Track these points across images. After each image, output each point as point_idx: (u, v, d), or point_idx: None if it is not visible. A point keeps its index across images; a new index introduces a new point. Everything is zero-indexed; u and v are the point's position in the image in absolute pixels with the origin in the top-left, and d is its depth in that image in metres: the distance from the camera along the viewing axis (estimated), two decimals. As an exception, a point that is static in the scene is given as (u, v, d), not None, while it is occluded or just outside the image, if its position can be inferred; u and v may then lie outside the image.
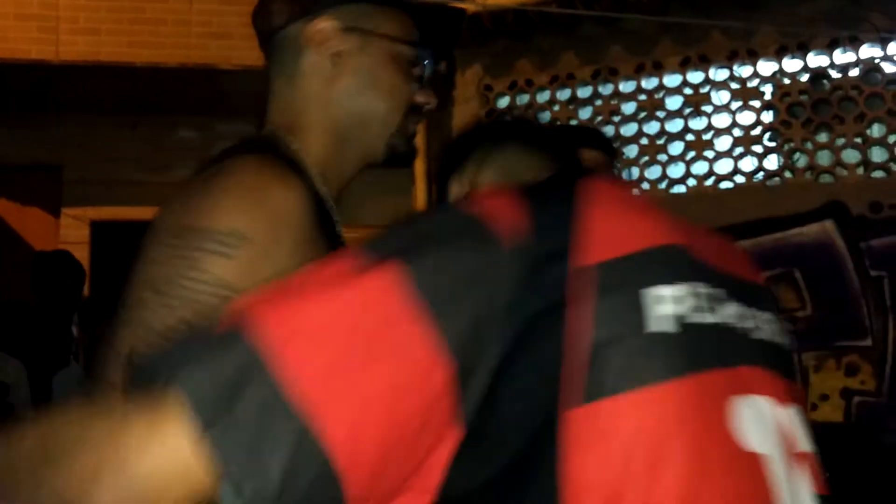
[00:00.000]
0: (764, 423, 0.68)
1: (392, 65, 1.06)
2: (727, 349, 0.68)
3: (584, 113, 4.31)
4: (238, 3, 4.45)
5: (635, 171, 4.21)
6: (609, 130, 4.24)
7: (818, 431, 0.79)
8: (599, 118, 4.27)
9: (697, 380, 0.65)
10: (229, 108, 4.95)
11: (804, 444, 0.73)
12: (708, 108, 4.08)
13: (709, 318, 0.67)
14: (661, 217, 0.71)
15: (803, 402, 0.86)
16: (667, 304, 0.65)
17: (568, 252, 0.64)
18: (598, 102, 4.28)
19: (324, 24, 1.04)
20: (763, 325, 0.75)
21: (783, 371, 0.76)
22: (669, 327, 0.64)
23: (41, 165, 5.23)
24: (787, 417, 0.72)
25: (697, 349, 0.65)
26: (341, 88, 1.05)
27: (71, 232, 5.22)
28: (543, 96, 4.38)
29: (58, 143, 5.06)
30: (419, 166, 4.44)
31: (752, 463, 0.66)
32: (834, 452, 2.75)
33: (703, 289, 0.68)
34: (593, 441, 0.61)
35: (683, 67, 4.13)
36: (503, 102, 4.52)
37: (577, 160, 1.06)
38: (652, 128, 4.18)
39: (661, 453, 0.62)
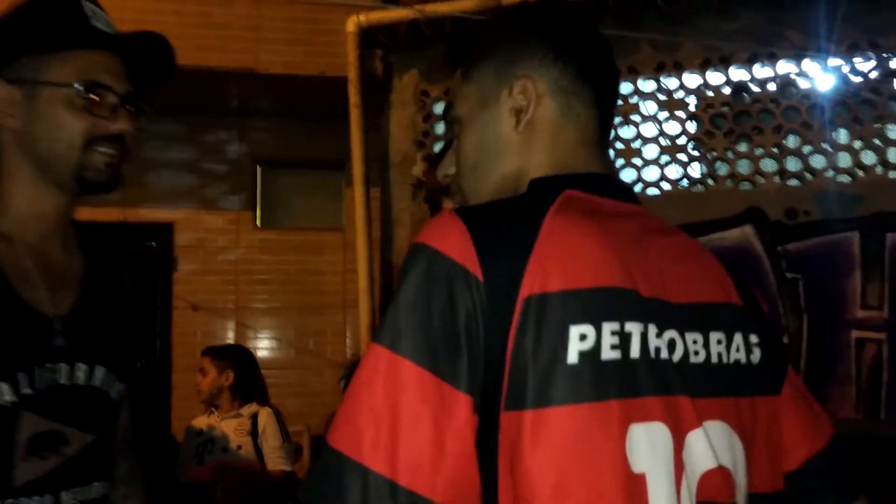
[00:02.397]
0: (655, 447, 0.80)
1: (60, 105, 1.17)
2: (634, 382, 0.81)
3: (519, 120, 4.43)
4: (174, 1, 4.41)
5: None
6: (542, 137, 4.38)
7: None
8: (533, 125, 4.40)
9: (596, 406, 0.79)
10: (160, 107, 4.89)
11: (719, 459, 0.85)
12: (636, 118, 4.25)
13: (617, 355, 0.80)
14: (620, 256, 0.84)
15: (750, 414, 0.92)
16: (587, 341, 0.79)
17: (515, 284, 0.79)
18: (532, 110, 4.41)
19: None
20: (705, 347, 0.88)
21: (721, 389, 0.89)
22: (581, 361, 0.79)
23: None
24: (699, 438, 0.84)
25: (603, 381, 0.79)
26: (22, 136, 1.18)
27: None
28: (478, 103, 4.48)
29: None
30: (357, 168, 4.46)
31: (637, 483, 0.79)
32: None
33: (635, 327, 0.81)
34: (538, 440, 0.78)
35: (613, 78, 4.30)
36: (439, 108, 4.60)
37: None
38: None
39: (568, 465, 0.77)
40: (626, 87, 4.29)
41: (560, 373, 0.78)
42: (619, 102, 4.28)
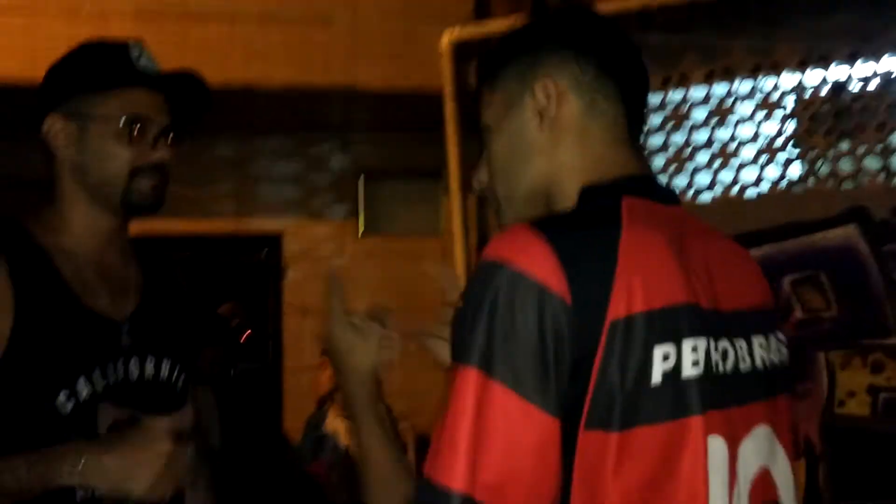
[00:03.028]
0: (716, 460, 0.85)
1: (107, 138, 1.33)
2: (707, 397, 0.84)
3: (613, 125, 4.48)
4: (277, 24, 4.66)
5: (663, 180, 4.37)
6: (637, 141, 4.41)
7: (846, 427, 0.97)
8: (627, 130, 4.44)
9: (679, 424, 0.83)
10: (268, 124, 5.16)
11: (765, 461, 0.91)
12: (733, 120, 4.23)
13: (697, 372, 0.84)
14: (687, 265, 0.86)
15: (784, 413, 0.97)
16: (670, 361, 0.82)
17: (602, 306, 0.81)
18: (626, 115, 4.44)
19: (52, 120, 1.35)
20: (750, 353, 0.92)
21: (764, 393, 0.93)
22: (665, 381, 0.82)
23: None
24: (749, 445, 0.89)
25: (685, 399, 0.83)
26: (76, 164, 1.35)
27: None
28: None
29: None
30: (453, 178, 4.60)
31: (706, 493, 0.83)
32: (861, 446, 2.88)
33: (702, 343, 0.85)
34: (622, 460, 0.80)
35: (708, 80, 4.29)
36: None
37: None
38: (678, 138, 4.34)
39: (654, 484, 0.81)
40: (721, 89, 4.27)
41: (646, 394, 0.80)
42: (715, 104, 4.27)
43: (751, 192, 4.24)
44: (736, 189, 4.28)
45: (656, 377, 0.81)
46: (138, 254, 1.47)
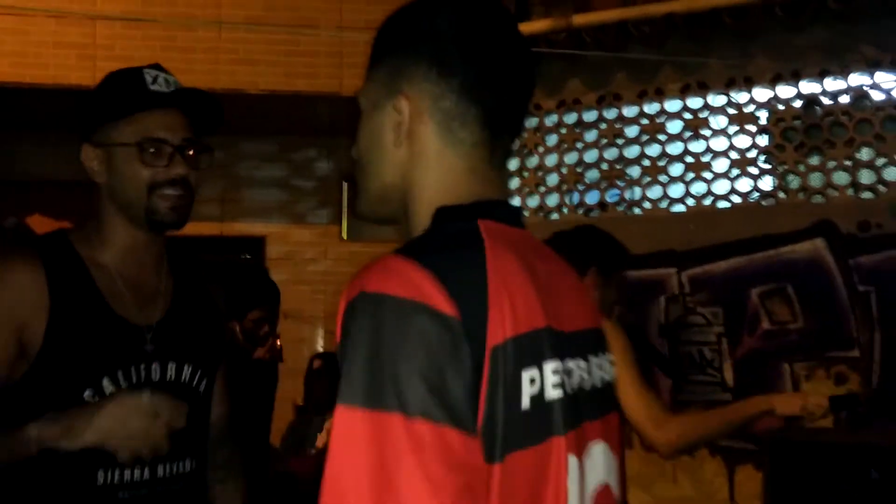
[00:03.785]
0: (574, 479, 0.83)
1: (128, 161, 1.45)
2: (564, 417, 0.82)
3: (590, 136, 4.55)
4: (264, 32, 4.74)
5: (637, 191, 4.44)
6: (613, 152, 4.48)
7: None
8: (604, 140, 4.51)
9: (543, 447, 0.80)
10: (254, 129, 5.23)
11: (605, 477, 0.90)
12: (706, 132, 4.31)
13: (558, 394, 0.82)
14: (539, 289, 0.83)
15: (616, 430, 0.97)
16: (535, 385, 0.80)
17: (483, 329, 0.77)
18: (603, 126, 4.52)
19: (84, 149, 1.48)
20: (589, 373, 0.91)
21: (599, 411, 0.92)
22: (531, 405, 0.79)
23: (73, 182, 5.52)
24: (591, 460, 0.88)
25: (548, 421, 0.81)
26: (107, 186, 1.48)
27: None
28: (551, 119, 4.62)
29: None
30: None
31: None
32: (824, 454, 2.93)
33: (558, 364, 0.83)
34: (501, 491, 0.76)
35: (683, 94, 4.37)
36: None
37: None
38: (653, 150, 4.42)
39: None
40: (696, 102, 4.35)
41: (517, 419, 0.77)
42: (689, 117, 4.35)
43: (723, 204, 4.33)
44: (708, 200, 4.37)
45: (525, 402, 0.79)
46: (172, 265, 1.58)
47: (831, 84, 4.10)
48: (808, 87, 4.15)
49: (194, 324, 1.56)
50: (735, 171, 4.23)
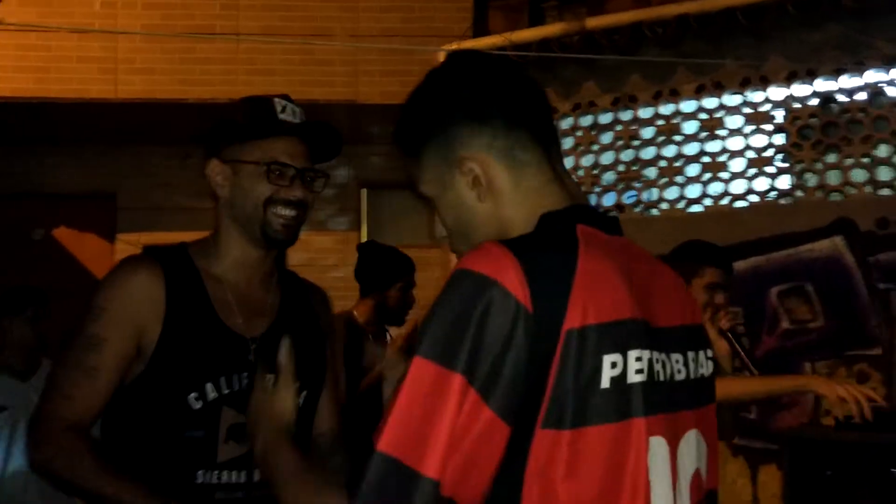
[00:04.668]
0: (658, 458, 0.94)
1: (252, 177, 1.55)
2: (649, 401, 0.93)
3: (605, 137, 4.56)
4: (281, 42, 4.80)
5: (655, 192, 4.44)
6: (629, 154, 4.49)
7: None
8: (620, 142, 4.52)
9: (623, 424, 0.91)
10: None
11: (697, 463, 1.01)
12: (722, 132, 4.30)
13: (641, 378, 0.93)
14: (632, 287, 0.96)
15: (711, 421, 1.07)
16: (617, 368, 0.91)
17: (559, 317, 0.89)
18: (619, 128, 4.52)
19: (212, 163, 1.60)
20: (685, 366, 1.01)
21: (695, 402, 1.02)
22: (612, 386, 0.91)
23: (97, 194, 5.61)
24: (685, 447, 0.99)
25: (629, 402, 0.92)
26: (227, 200, 1.58)
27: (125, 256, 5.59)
28: (567, 122, 4.63)
29: (112, 173, 5.44)
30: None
31: (647, 489, 0.92)
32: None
33: (645, 354, 0.94)
34: (572, 460, 0.88)
35: (699, 94, 4.37)
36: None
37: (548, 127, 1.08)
38: (670, 151, 4.42)
39: (599, 478, 0.90)
40: (711, 102, 4.35)
41: (595, 397, 0.89)
42: (705, 117, 4.35)
43: (740, 204, 4.32)
44: (726, 200, 4.36)
45: (605, 382, 0.90)
46: (282, 281, 1.68)
47: (847, 81, 4.09)
48: (823, 84, 4.14)
49: (297, 338, 1.58)
50: (752, 171, 4.22)
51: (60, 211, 5.65)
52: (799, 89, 4.17)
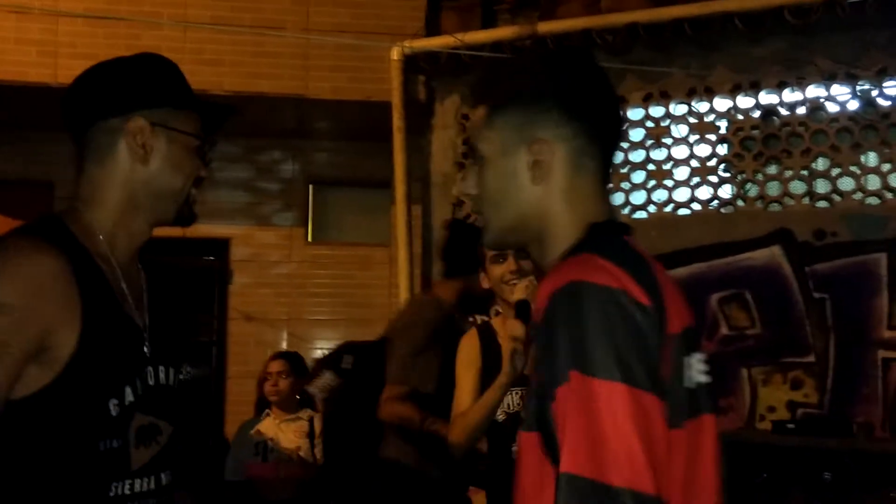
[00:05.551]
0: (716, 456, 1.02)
1: (186, 152, 1.39)
2: (707, 399, 1.02)
3: (554, 142, 4.60)
4: (229, 33, 4.72)
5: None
6: (577, 159, 4.54)
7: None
8: (568, 147, 4.56)
9: (699, 421, 1.00)
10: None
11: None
12: (668, 141, 4.38)
13: (703, 379, 1.02)
14: (683, 296, 1.05)
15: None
16: (690, 369, 0.99)
17: (664, 321, 0.96)
18: (567, 132, 4.56)
19: (139, 122, 1.34)
20: (698, 367, 1.04)
21: (709, 406, 1.06)
22: (693, 385, 0.99)
23: (34, 182, 5.43)
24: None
25: (698, 400, 1.00)
26: (148, 171, 1.37)
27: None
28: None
29: (51, 160, 5.26)
30: (399, 188, 4.69)
31: (715, 481, 1.01)
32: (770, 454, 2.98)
33: (701, 357, 1.03)
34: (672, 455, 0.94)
35: (646, 102, 4.44)
36: (479, 131, 4.80)
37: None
38: (616, 157, 4.47)
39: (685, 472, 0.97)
40: (658, 111, 4.42)
41: (683, 396, 0.97)
42: (651, 125, 4.42)
43: (683, 211, 4.40)
44: (669, 207, 4.44)
45: (688, 382, 0.99)
46: (142, 261, 1.48)
47: (789, 95, 4.20)
48: (766, 97, 4.25)
49: (169, 322, 1.49)
50: (695, 179, 4.31)
51: (-6, 197, 5.47)
52: (743, 101, 4.27)
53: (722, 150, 4.31)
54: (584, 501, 0.86)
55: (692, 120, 4.34)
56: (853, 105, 4.08)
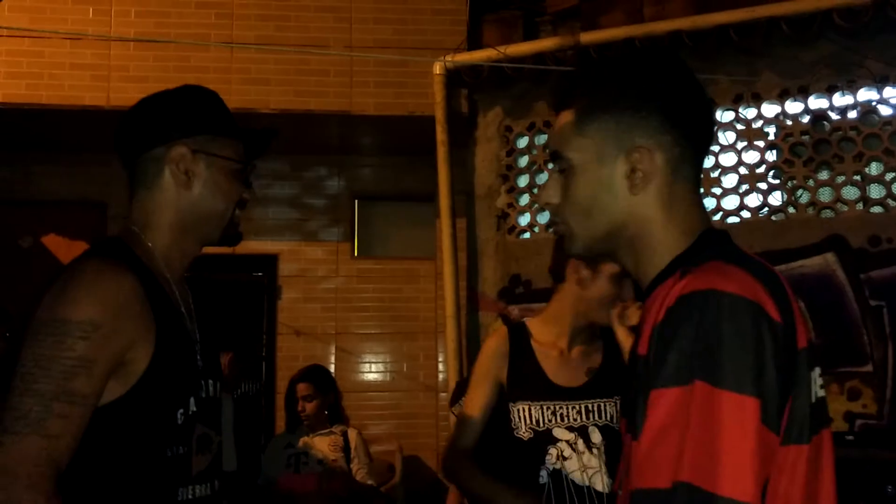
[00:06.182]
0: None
1: (227, 176, 1.48)
2: (825, 414, 1.00)
3: (599, 152, 4.57)
4: (275, 52, 4.79)
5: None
6: (622, 169, 4.50)
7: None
8: (613, 157, 4.52)
9: (820, 436, 0.98)
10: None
11: None
12: (715, 148, 4.32)
13: (822, 393, 1.00)
14: (801, 314, 1.02)
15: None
16: (814, 384, 0.97)
17: (795, 335, 0.94)
18: (612, 142, 4.53)
19: (180, 149, 1.44)
20: (818, 381, 1.02)
21: (826, 420, 1.05)
22: (815, 401, 0.97)
23: (88, 202, 5.58)
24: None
25: (820, 415, 0.98)
26: (192, 195, 1.45)
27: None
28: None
29: (104, 181, 5.40)
30: (444, 201, 4.70)
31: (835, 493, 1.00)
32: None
33: (817, 371, 1.00)
34: (785, 470, 0.93)
35: (691, 110, 4.39)
36: (522, 142, 4.80)
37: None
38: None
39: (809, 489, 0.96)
40: (704, 118, 4.37)
41: (806, 412, 0.95)
42: (698, 133, 4.37)
43: (732, 220, 4.33)
44: (718, 216, 4.37)
45: (812, 397, 0.97)
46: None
47: (839, 99, 4.11)
48: (815, 102, 4.16)
49: (209, 336, 1.59)
50: (744, 187, 4.23)
51: (50, 219, 5.61)
52: (791, 106, 4.19)
53: (771, 156, 4.24)
54: None
55: (740, 126, 4.27)
56: (907, 107, 3.98)
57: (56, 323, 1.27)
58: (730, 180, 4.29)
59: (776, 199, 4.23)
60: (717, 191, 4.29)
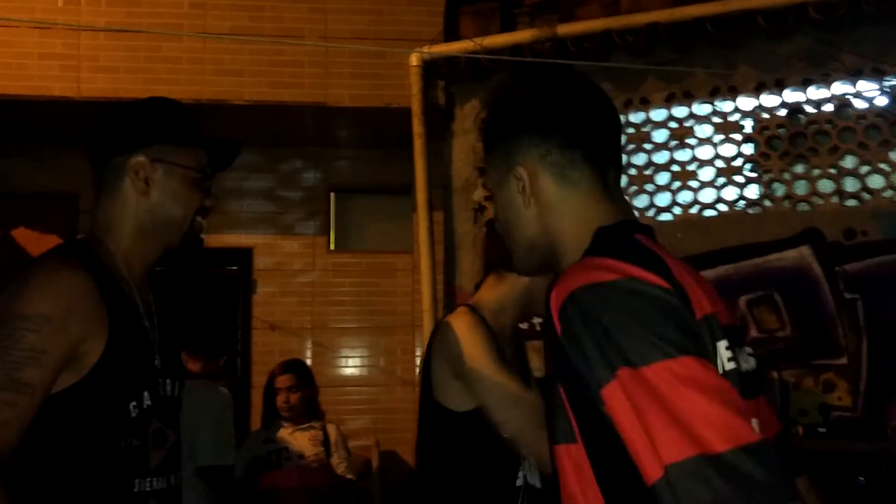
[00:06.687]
0: None
1: (186, 185, 1.55)
2: (740, 387, 0.99)
3: (576, 145, 4.55)
4: (249, 42, 4.72)
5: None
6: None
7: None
8: (590, 150, 4.51)
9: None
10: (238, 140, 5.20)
11: None
12: (692, 141, 4.32)
13: (731, 366, 1.01)
14: (699, 285, 1.03)
15: (764, 410, 1.12)
16: (720, 357, 0.98)
17: (690, 305, 0.96)
18: (589, 135, 4.52)
19: (140, 158, 1.52)
20: (745, 360, 1.07)
21: (751, 393, 1.08)
22: (723, 372, 0.98)
23: (58, 194, 5.48)
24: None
25: (750, 389, 1.01)
26: (151, 202, 1.54)
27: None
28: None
29: (74, 173, 5.30)
30: (420, 194, 4.67)
31: None
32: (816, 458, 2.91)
33: (726, 344, 1.01)
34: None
35: (668, 103, 4.39)
36: (499, 135, 4.77)
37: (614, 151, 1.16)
38: (640, 159, 4.43)
39: None
40: (681, 112, 4.37)
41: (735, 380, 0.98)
42: (675, 126, 4.37)
43: (709, 213, 4.33)
44: (695, 209, 4.37)
45: (720, 369, 0.98)
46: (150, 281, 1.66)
47: (814, 93, 4.13)
48: (791, 95, 4.17)
49: (171, 336, 1.65)
50: (721, 180, 4.24)
51: (20, 212, 5.51)
52: (767, 100, 4.20)
53: (747, 149, 4.25)
54: (699, 481, 0.83)
55: (716, 120, 4.28)
56: (881, 101, 4.00)
57: (9, 317, 1.36)
58: (706, 173, 4.29)
59: (752, 192, 4.24)
60: (695, 184, 4.30)
